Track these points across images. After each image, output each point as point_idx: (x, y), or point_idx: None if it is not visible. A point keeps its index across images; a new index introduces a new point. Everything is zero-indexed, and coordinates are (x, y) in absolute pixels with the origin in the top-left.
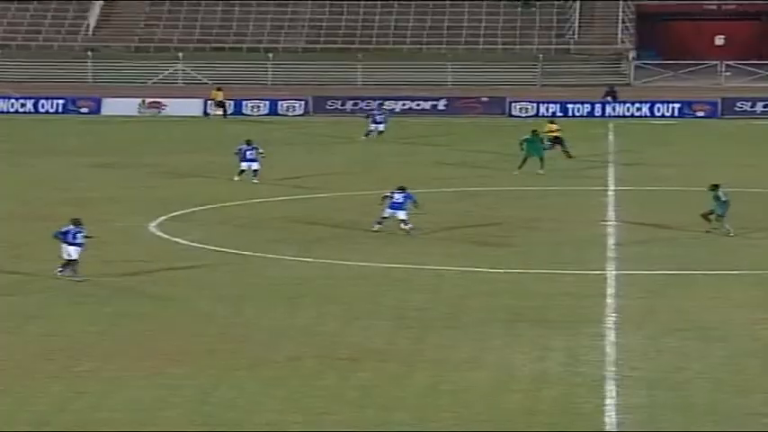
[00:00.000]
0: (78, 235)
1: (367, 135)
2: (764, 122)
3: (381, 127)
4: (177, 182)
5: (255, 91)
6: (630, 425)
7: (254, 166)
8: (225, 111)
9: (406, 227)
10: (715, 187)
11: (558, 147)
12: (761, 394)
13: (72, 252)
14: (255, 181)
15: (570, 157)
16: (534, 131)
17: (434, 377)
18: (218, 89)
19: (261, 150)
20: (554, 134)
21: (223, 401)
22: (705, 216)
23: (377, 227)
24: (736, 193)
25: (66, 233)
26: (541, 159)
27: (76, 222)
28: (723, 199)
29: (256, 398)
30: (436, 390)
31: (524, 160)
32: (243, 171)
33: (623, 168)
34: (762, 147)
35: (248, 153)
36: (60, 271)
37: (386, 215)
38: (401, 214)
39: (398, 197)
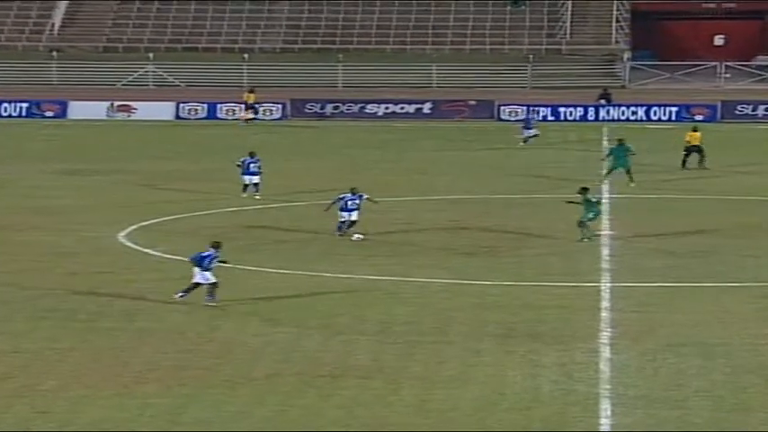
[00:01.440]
0: (214, 260)
1: (525, 141)
2: (766, 126)
3: (532, 132)
4: (148, 190)
5: (230, 93)
6: None
7: (255, 179)
8: (256, 113)
9: (357, 236)
10: (584, 191)
11: (697, 155)
12: (763, 413)
13: (208, 276)
14: (257, 197)
15: (703, 166)
16: (620, 140)
17: (421, 395)
18: (251, 91)
19: (260, 166)
20: (694, 144)
21: (196, 421)
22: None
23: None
24: (738, 201)
25: (204, 258)
26: (628, 171)
27: (216, 246)
28: (594, 200)
29: (232, 418)
30: (423, 408)
31: (610, 170)
32: (247, 186)
33: (618, 175)
34: (764, 152)
35: (251, 166)
36: (181, 295)
37: (342, 219)
38: (354, 215)
39: (353, 201)
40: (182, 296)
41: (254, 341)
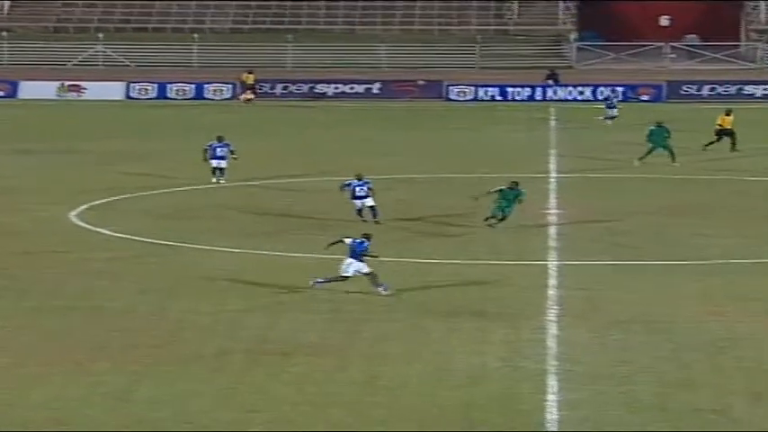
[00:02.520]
0: (366, 250)
1: (611, 119)
2: (711, 107)
3: (615, 112)
4: (99, 169)
5: (181, 74)
6: (573, 421)
7: (222, 164)
8: (255, 94)
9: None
10: (515, 185)
11: (728, 138)
12: (707, 389)
13: (362, 266)
14: (222, 181)
15: (735, 149)
16: (659, 122)
17: (369, 372)
18: (250, 72)
19: (233, 150)
20: (725, 128)
21: (148, 399)
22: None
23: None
24: (683, 180)
25: (360, 244)
26: (671, 152)
27: (368, 237)
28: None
29: (184, 395)
30: (371, 385)
31: (650, 151)
32: (215, 170)
33: (565, 155)
34: (709, 132)
35: (219, 150)
36: (320, 282)
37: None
38: (369, 201)
39: (361, 187)
40: (320, 283)
41: (204, 319)
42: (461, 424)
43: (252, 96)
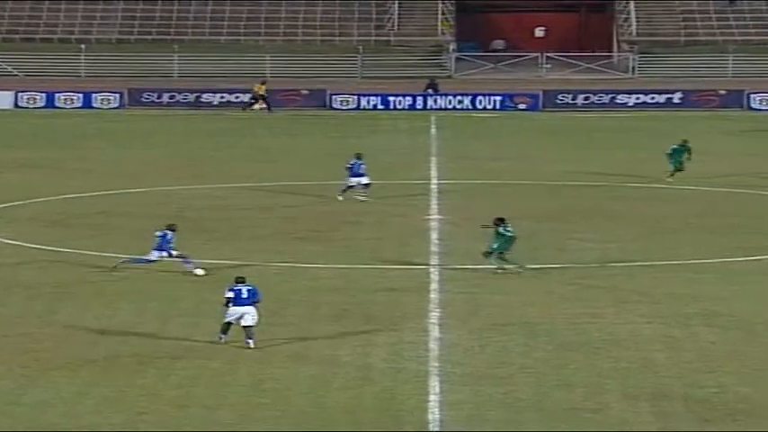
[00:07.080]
0: (249, 292)
1: None
2: (585, 115)
3: None
4: None
5: (68, 83)
6: (454, 421)
7: None
8: (268, 105)
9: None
10: (500, 221)
11: None
12: (583, 388)
13: (248, 316)
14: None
15: None
16: (684, 141)
17: (258, 374)
18: (263, 83)
19: None
20: None
21: (37, 402)
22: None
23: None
24: (559, 186)
25: (237, 293)
26: (678, 169)
27: (241, 280)
28: (508, 235)
29: (73, 398)
30: (259, 387)
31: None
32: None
33: (446, 162)
34: (582, 140)
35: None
36: (222, 337)
37: None
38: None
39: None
40: (223, 338)
41: (94, 324)
42: (347, 425)
43: (264, 106)
